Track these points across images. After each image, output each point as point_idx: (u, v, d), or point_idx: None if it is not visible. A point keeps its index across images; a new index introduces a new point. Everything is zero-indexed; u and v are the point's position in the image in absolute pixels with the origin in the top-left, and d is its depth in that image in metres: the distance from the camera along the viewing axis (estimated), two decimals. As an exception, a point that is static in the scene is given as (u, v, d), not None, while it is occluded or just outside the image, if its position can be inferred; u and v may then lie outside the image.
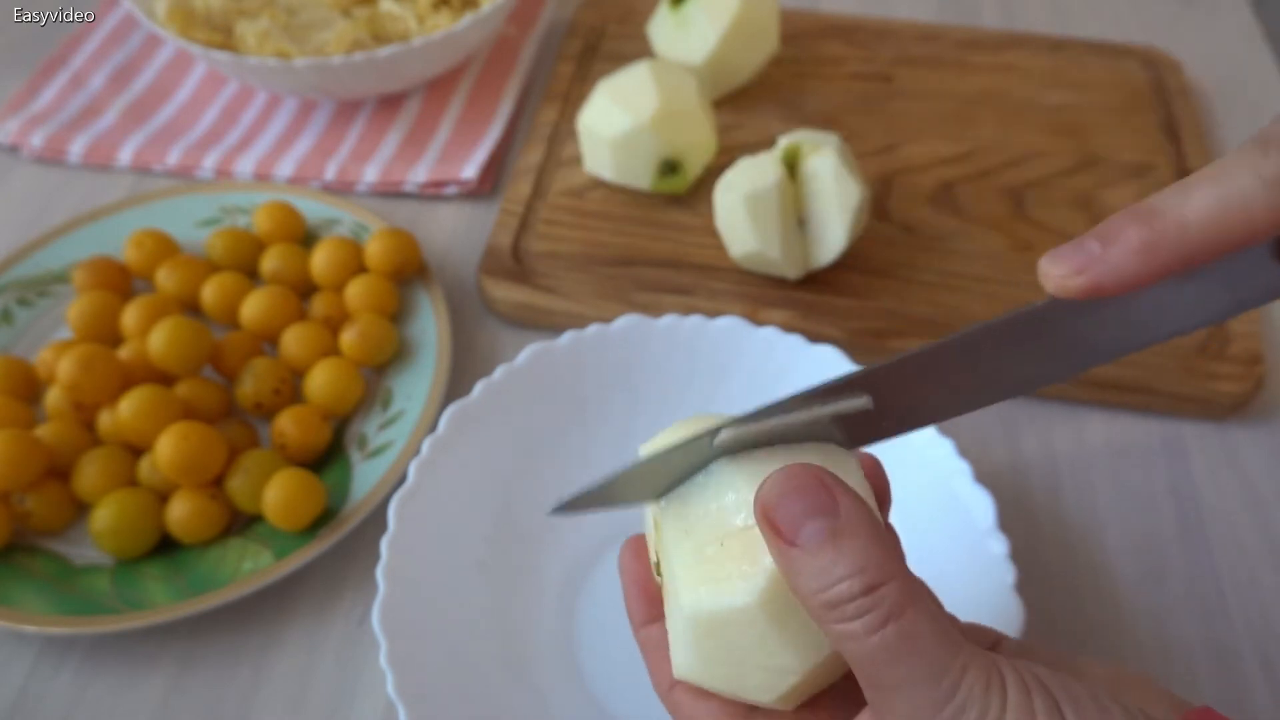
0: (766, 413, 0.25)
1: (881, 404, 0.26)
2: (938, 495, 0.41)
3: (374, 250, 0.51)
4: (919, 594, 0.22)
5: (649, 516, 0.28)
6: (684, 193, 0.56)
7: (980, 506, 0.40)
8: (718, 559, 0.24)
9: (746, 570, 0.24)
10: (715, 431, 0.25)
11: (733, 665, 0.25)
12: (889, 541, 0.23)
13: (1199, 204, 0.22)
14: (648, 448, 0.27)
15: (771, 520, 0.23)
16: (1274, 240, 0.25)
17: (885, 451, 0.30)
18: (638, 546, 0.29)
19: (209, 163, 0.60)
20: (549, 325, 0.52)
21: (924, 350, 0.26)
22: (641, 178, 0.55)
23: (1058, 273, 0.24)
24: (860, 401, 0.25)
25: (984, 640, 0.26)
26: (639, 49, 0.64)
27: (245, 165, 0.59)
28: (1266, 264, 0.25)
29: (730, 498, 0.25)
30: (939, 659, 0.21)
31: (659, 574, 0.27)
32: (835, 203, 0.49)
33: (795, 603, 0.23)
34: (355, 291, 0.50)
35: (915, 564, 0.24)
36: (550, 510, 0.26)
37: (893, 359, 0.26)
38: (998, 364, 0.26)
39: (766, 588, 0.23)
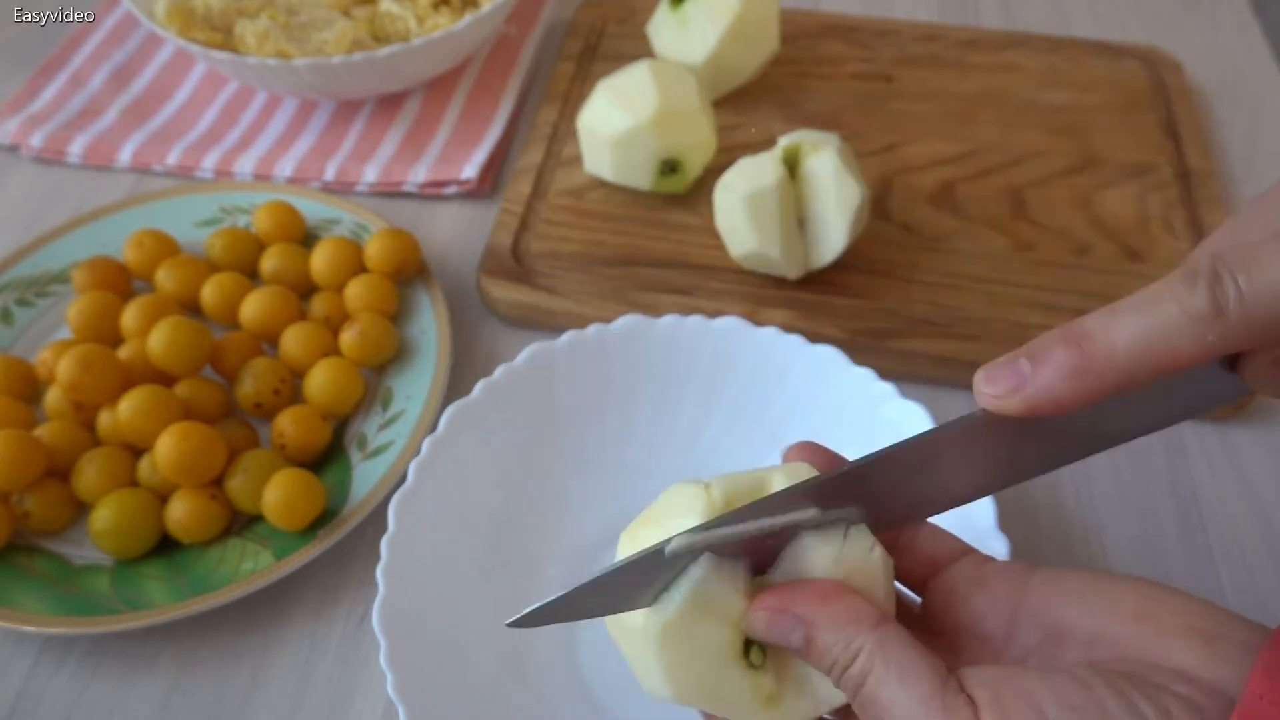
0: (718, 523, 0.25)
1: (836, 509, 0.26)
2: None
3: (374, 250, 0.51)
4: (887, 658, 0.23)
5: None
6: (684, 193, 0.56)
7: (980, 506, 0.40)
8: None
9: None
10: (665, 543, 0.25)
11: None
12: (857, 616, 0.24)
13: (1126, 332, 0.23)
14: (625, 540, 0.28)
15: (770, 640, 0.25)
16: (1220, 361, 0.25)
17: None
18: None
19: (209, 163, 0.60)
20: (549, 325, 0.52)
21: (870, 460, 0.26)
22: (641, 178, 0.55)
23: (991, 392, 0.24)
24: (809, 514, 0.26)
25: (1015, 575, 0.27)
26: (639, 49, 0.64)
27: (245, 165, 0.59)
28: (1215, 373, 0.25)
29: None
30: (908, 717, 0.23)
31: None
32: (835, 203, 0.49)
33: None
34: (355, 291, 0.50)
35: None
36: (509, 623, 0.26)
37: (843, 469, 0.26)
38: (954, 469, 0.27)
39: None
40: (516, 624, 0.26)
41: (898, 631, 0.24)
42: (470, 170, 0.59)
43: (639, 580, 0.26)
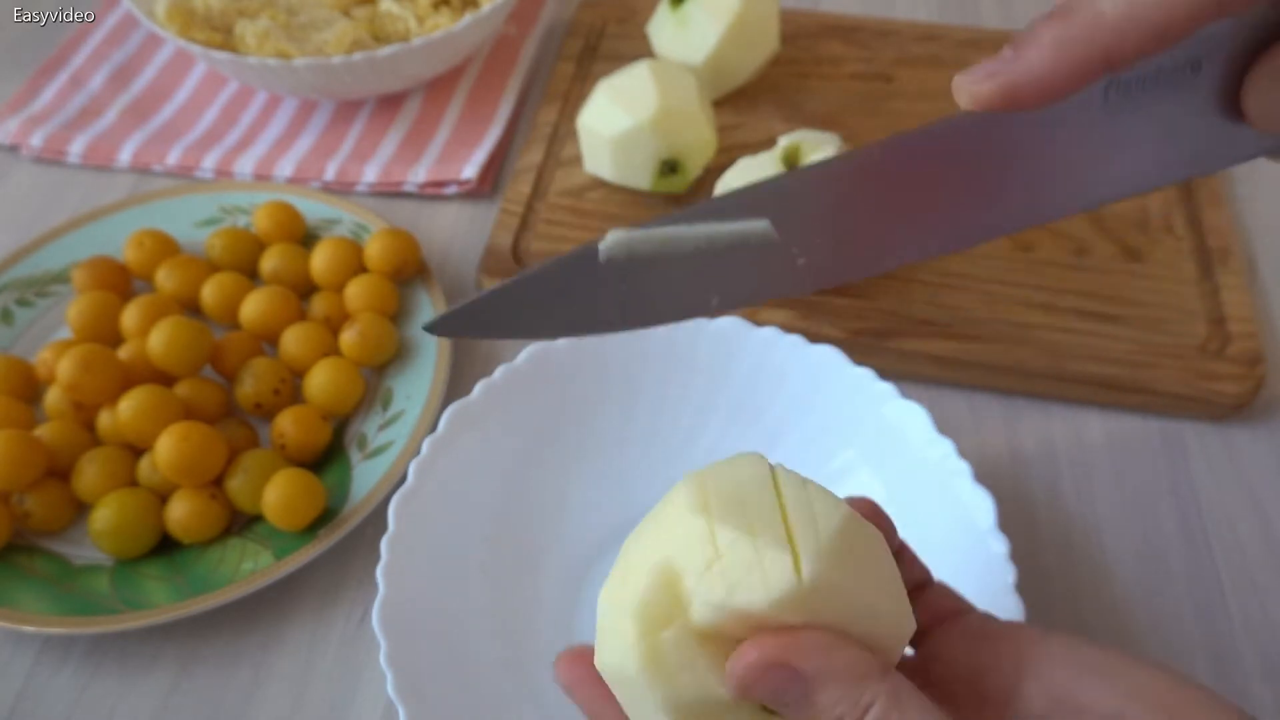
0: (660, 222, 0.23)
1: (794, 229, 0.24)
2: (938, 495, 0.41)
3: (374, 250, 0.51)
4: (904, 708, 0.22)
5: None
6: (684, 193, 0.56)
7: (980, 507, 0.40)
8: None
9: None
10: (599, 241, 0.23)
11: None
12: (866, 666, 0.22)
13: None
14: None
15: (759, 698, 0.23)
16: (1217, 87, 0.23)
17: (886, 454, 0.30)
18: (578, 657, 0.27)
19: (209, 163, 0.60)
20: (549, 325, 0.52)
21: (831, 161, 0.24)
22: (641, 178, 0.55)
23: (969, 80, 0.22)
24: (759, 226, 0.23)
25: (1025, 638, 0.26)
26: (639, 49, 0.64)
27: (245, 165, 0.59)
28: (1215, 120, 0.24)
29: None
30: None
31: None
32: (835, 203, 0.49)
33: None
34: (355, 291, 0.50)
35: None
36: (424, 325, 0.24)
37: (799, 171, 0.24)
38: (925, 192, 0.24)
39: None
40: (432, 327, 0.24)
41: (905, 681, 0.22)
42: (470, 170, 0.59)
43: (573, 288, 0.23)
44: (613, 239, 0.23)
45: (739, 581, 0.22)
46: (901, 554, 0.29)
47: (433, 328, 0.24)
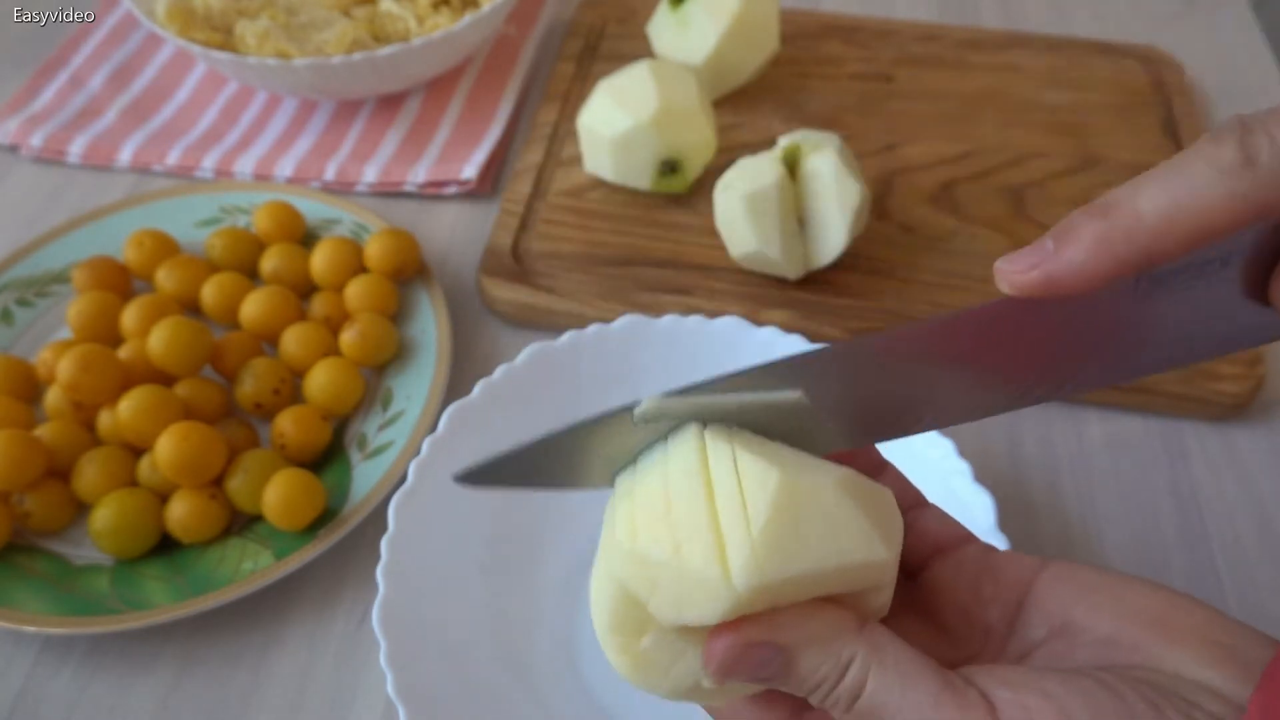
0: (694, 390, 0.24)
1: (827, 398, 0.24)
2: (938, 495, 0.40)
3: (374, 250, 0.51)
4: (884, 660, 0.22)
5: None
6: (684, 193, 0.56)
7: (980, 506, 0.40)
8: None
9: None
10: (634, 404, 0.24)
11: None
12: (841, 624, 0.22)
13: (1154, 195, 0.22)
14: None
15: (742, 679, 0.23)
16: (1245, 279, 0.24)
17: (886, 454, 0.30)
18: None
19: (209, 163, 0.60)
20: (549, 325, 0.52)
21: (868, 339, 0.25)
22: (641, 178, 0.55)
23: (1011, 268, 0.23)
24: (792, 396, 0.24)
25: (1026, 566, 0.26)
26: (639, 49, 0.64)
27: (245, 165, 0.59)
28: (1243, 307, 0.24)
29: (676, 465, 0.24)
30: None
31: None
32: (835, 203, 0.49)
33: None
34: (355, 291, 0.50)
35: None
36: (454, 477, 0.25)
37: (835, 345, 0.25)
38: (956, 368, 0.25)
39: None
40: (463, 479, 0.25)
41: (884, 630, 0.23)
42: (470, 170, 0.59)
43: (602, 446, 0.24)
44: (648, 403, 0.24)
45: (683, 601, 0.22)
46: (883, 475, 0.28)
47: (464, 478, 0.25)
